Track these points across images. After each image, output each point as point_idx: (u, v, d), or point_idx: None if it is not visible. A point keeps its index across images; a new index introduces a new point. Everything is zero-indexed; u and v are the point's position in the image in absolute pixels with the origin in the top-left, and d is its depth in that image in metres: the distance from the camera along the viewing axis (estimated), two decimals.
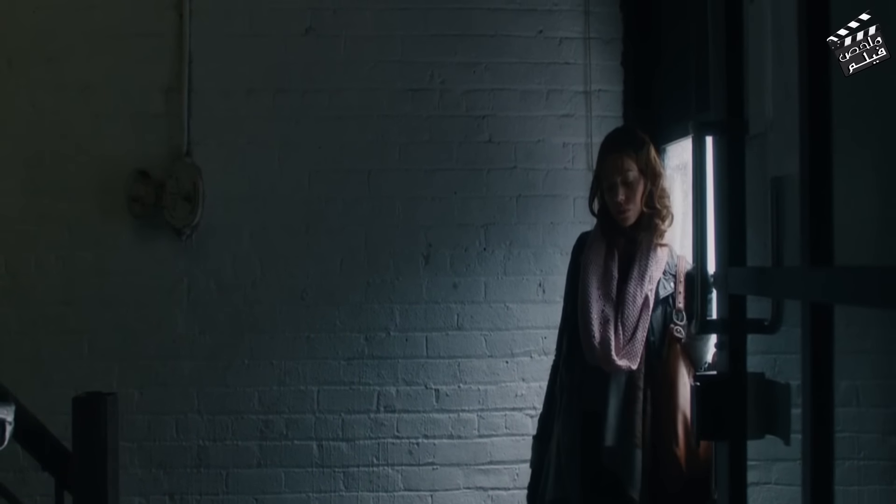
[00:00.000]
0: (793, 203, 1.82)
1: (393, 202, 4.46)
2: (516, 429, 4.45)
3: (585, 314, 3.21)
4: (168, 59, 4.41)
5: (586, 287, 3.24)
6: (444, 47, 4.52)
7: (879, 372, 1.89)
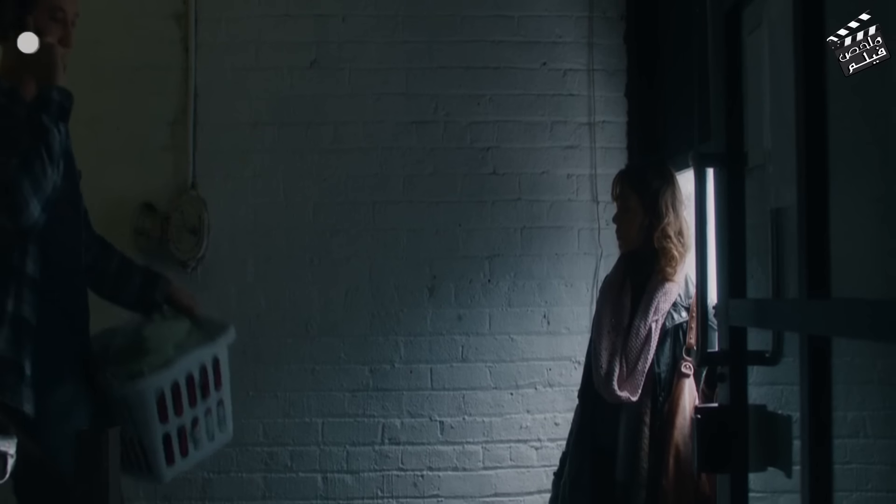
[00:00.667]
0: (793, 234, 1.82)
1: (397, 234, 4.47)
2: (521, 461, 4.43)
3: (596, 346, 3.25)
4: (174, 92, 4.44)
5: (599, 320, 3.30)
6: (448, 79, 4.54)
7: (887, 403, 1.88)
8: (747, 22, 2.15)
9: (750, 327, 2.00)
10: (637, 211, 3.21)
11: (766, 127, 2.05)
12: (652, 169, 3.37)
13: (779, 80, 1.91)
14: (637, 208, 3.21)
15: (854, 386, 1.78)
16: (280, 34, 4.49)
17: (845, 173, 1.65)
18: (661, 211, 3.20)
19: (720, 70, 2.14)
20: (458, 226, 4.50)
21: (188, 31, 4.45)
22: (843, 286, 1.59)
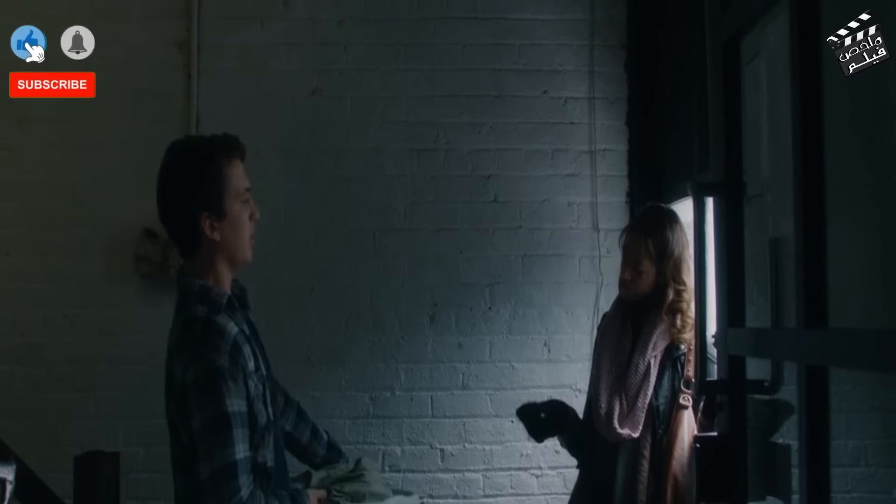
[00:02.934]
0: (791, 263, 1.83)
1: (398, 262, 4.47)
2: (521, 489, 4.41)
3: (596, 385, 3.22)
4: (176, 118, 4.46)
5: (599, 359, 3.26)
6: (449, 108, 4.56)
7: (888, 432, 1.88)
8: (745, 52, 2.16)
9: (749, 356, 2.00)
10: (650, 274, 3.15)
11: (764, 156, 2.06)
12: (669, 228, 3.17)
13: (776, 110, 1.92)
14: (650, 272, 3.15)
15: (855, 414, 1.78)
16: (282, 62, 4.52)
17: (842, 203, 1.66)
18: (679, 279, 3.13)
19: (719, 99, 2.16)
20: (459, 253, 4.51)
21: (191, 57, 4.48)
22: (840, 316, 1.60)
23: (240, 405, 2.20)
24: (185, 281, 2.36)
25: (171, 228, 2.38)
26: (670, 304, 3.13)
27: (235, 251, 2.36)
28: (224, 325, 2.26)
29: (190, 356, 2.23)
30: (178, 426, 2.26)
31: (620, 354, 3.21)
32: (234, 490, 2.14)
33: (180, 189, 2.33)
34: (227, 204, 2.32)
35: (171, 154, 2.40)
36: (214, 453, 2.15)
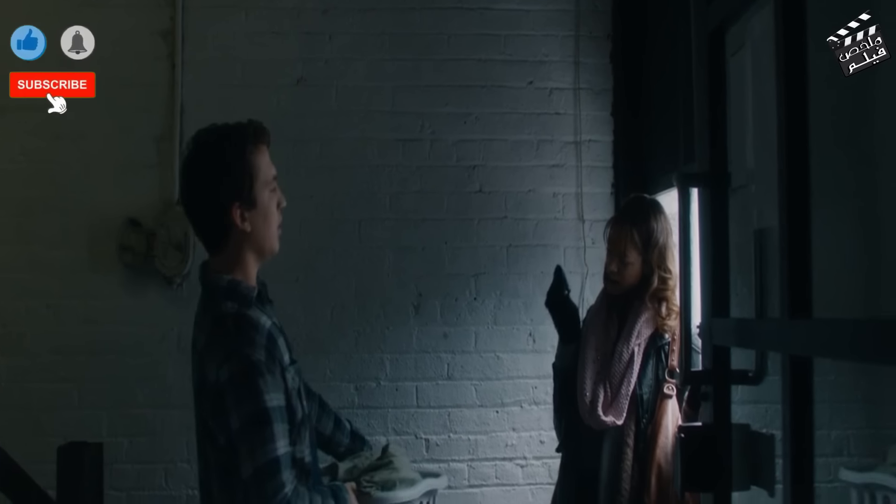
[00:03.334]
0: (775, 254, 1.83)
1: (383, 252, 4.47)
2: (506, 479, 4.43)
3: (581, 375, 3.22)
4: (160, 108, 4.44)
5: (584, 350, 3.26)
6: (434, 98, 4.56)
7: (871, 422, 1.90)
8: (731, 43, 2.16)
9: (733, 347, 2.01)
10: (635, 264, 3.17)
11: (749, 147, 2.07)
12: (654, 217, 3.21)
13: (762, 101, 1.93)
14: (636, 262, 3.17)
15: (838, 405, 1.79)
16: (267, 51, 4.50)
17: (826, 194, 1.67)
18: (664, 267, 3.16)
19: (704, 90, 2.16)
20: (444, 244, 4.51)
21: (174, 47, 4.46)
22: (823, 306, 1.61)
23: (278, 399, 2.13)
24: (211, 278, 2.28)
25: (199, 221, 2.30)
26: (654, 292, 3.15)
27: (264, 242, 2.30)
28: (257, 318, 2.20)
29: (223, 353, 2.15)
30: (214, 428, 2.17)
31: (605, 343, 3.22)
32: (279, 486, 2.08)
33: (210, 180, 2.24)
34: (256, 193, 2.25)
35: (197, 144, 2.32)
36: (256, 450, 2.09)
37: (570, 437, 3.30)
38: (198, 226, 2.31)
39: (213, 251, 2.30)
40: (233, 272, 2.26)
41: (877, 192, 1.70)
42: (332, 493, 2.26)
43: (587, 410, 3.16)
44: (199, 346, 2.23)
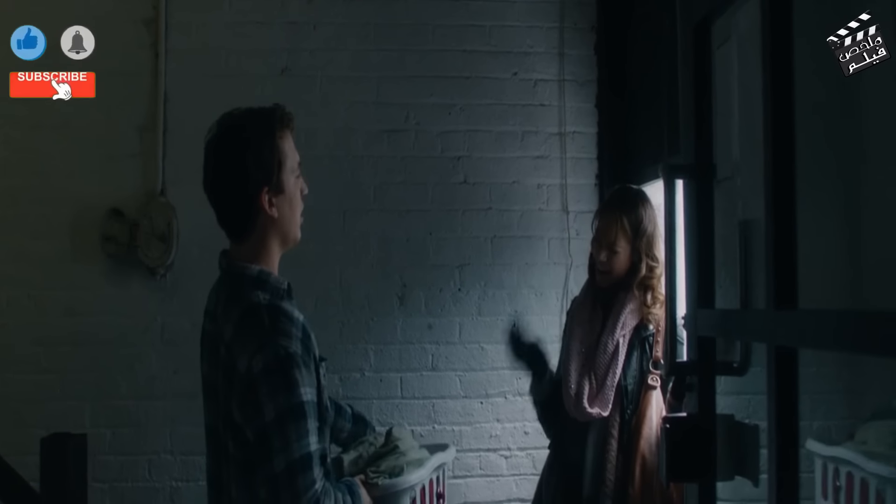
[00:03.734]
0: (760, 246, 1.84)
1: (368, 243, 4.46)
2: (490, 470, 4.44)
3: (566, 368, 3.24)
4: (144, 97, 4.42)
5: (570, 343, 3.28)
6: (419, 89, 4.55)
7: (852, 412, 1.91)
8: (717, 35, 2.17)
9: (718, 337, 2.02)
10: (624, 252, 3.19)
11: (734, 139, 2.07)
12: (641, 204, 3.24)
13: (748, 93, 1.93)
14: (625, 250, 3.19)
15: (820, 395, 1.80)
16: (251, 41, 4.48)
17: (811, 186, 1.68)
18: (652, 255, 3.18)
19: (690, 83, 2.16)
20: (429, 234, 4.51)
21: (158, 36, 4.43)
22: (808, 297, 1.61)
23: (311, 394, 2.08)
24: (238, 266, 2.23)
25: (226, 207, 2.24)
26: (642, 280, 3.16)
27: (289, 229, 2.27)
28: (291, 311, 2.16)
29: (257, 343, 2.08)
30: (242, 422, 2.08)
31: (590, 335, 3.24)
32: (310, 483, 2.03)
33: (239, 165, 2.18)
34: (284, 179, 2.21)
35: (224, 128, 2.25)
36: (291, 445, 2.03)
37: (555, 430, 3.31)
38: (223, 212, 2.25)
39: (238, 238, 2.26)
40: (258, 261, 2.22)
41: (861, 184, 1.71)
42: (348, 489, 2.22)
43: (572, 402, 3.17)
44: (227, 337, 2.14)
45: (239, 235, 2.25)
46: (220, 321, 2.19)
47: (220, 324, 2.19)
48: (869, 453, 1.84)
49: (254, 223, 2.22)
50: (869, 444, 1.87)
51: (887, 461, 1.77)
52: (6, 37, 4.14)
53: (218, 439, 2.19)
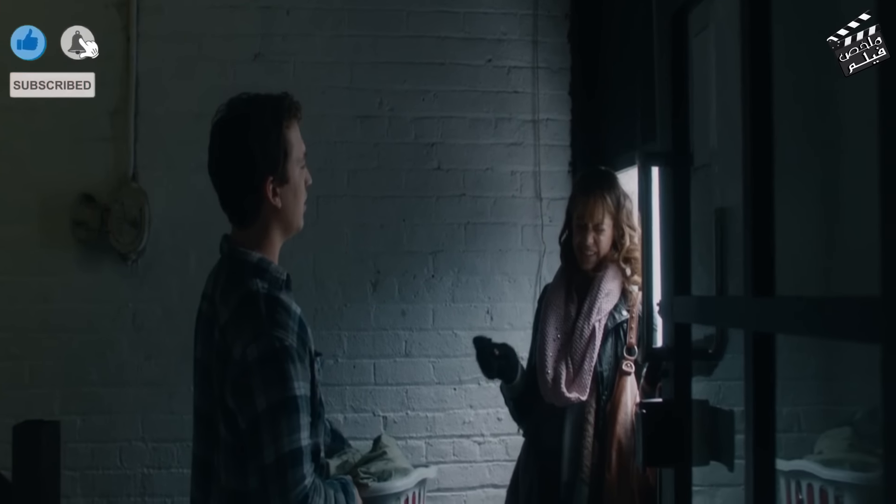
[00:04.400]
0: (736, 233, 1.86)
1: (341, 229, 4.45)
2: (464, 456, 4.45)
3: (542, 354, 3.25)
4: (115, 81, 4.37)
5: (545, 329, 3.28)
6: (393, 75, 4.54)
7: (820, 398, 1.94)
8: (694, 24, 2.18)
9: (695, 324, 2.04)
10: (608, 229, 3.21)
11: (712, 127, 2.09)
12: (616, 181, 3.30)
13: (725, 82, 1.95)
14: (608, 227, 3.21)
15: (789, 382, 1.82)
16: (224, 26, 4.45)
17: (788, 174, 1.69)
18: (633, 226, 3.20)
19: (667, 71, 2.17)
20: (403, 221, 4.50)
21: (130, 19, 4.38)
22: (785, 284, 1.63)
23: (305, 389, 2.06)
24: (239, 251, 2.20)
25: (230, 194, 2.21)
26: (627, 252, 3.19)
27: (292, 218, 2.25)
28: (289, 303, 2.13)
29: (253, 332, 2.05)
30: (235, 409, 2.07)
31: (566, 321, 3.25)
32: (300, 478, 2.01)
33: (245, 154, 2.16)
34: (289, 169, 2.20)
35: (233, 115, 2.22)
36: (282, 438, 2.01)
37: (531, 417, 3.32)
38: (227, 198, 2.23)
39: (240, 225, 2.24)
40: (259, 248, 2.20)
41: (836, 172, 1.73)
42: (342, 487, 2.21)
43: (550, 389, 3.18)
44: (222, 321, 2.13)
45: (241, 222, 2.23)
46: (216, 304, 2.17)
47: (216, 307, 2.17)
48: (825, 461, 1.88)
49: (257, 211, 2.20)
50: (825, 452, 1.91)
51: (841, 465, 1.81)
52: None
53: (209, 423, 2.17)
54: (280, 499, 2.00)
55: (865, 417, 1.96)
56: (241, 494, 2.09)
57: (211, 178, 2.23)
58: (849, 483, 1.90)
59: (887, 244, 1.11)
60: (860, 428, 1.93)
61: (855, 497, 1.92)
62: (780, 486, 1.80)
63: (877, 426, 1.92)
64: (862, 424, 1.95)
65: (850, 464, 1.88)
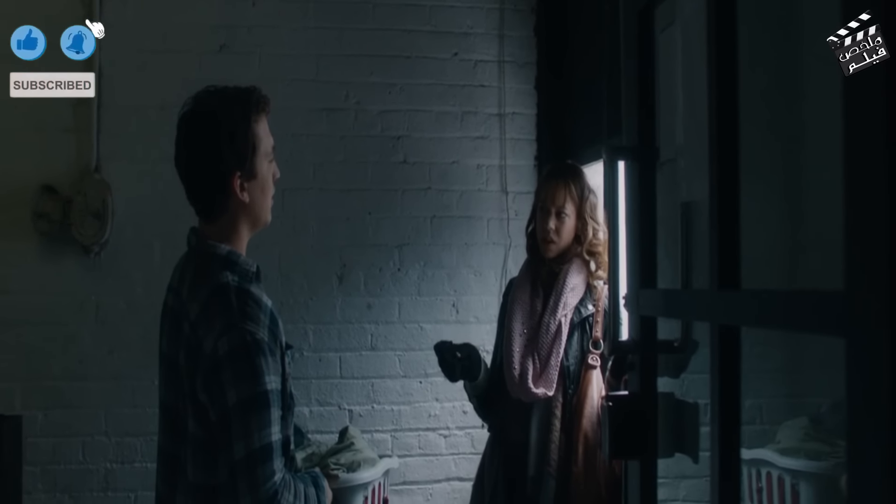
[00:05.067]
0: (701, 227, 1.87)
1: (307, 222, 4.44)
2: (429, 449, 4.46)
3: (508, 349, 3.24)
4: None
5: (511, 324, 3.28)
6: (359, 67, 4.53)
7: (781, 390, 1.96)
8: (660, 20, 2.19)
9: (660, 317, 2.05)
10: (571, 216, 3.22)
11: (678, 122, 2.10)
12: (582, 173, 3.32)
13: (691, 77, 1.96)
14: (572, 214, 3.22)
15: (751, 375, 1.84)
16: (188, 16, 4.41)
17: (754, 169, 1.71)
18: (596, 218, 3.22)
19: (633, 66, 2.18)
20: (368, 214, 4.50)
21: (92, 8, 4.32)
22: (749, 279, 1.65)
23: (276, 383, 2.04)
24: (208, 244, 2.18)
25: (196, 188, 2.20)
26: (589, 244, 3.20)
27: (260, 213, 2.24)
28: (259, 295, 2.11)
29: (223, 325, 2.03)
30: (207, 403, 2.05)
31: (532, 316, 3.26)
32: (270, 474, 1.99)
33: (212, 147, 2.14)
34: (257, 164, 2.19)
35: (199, 108, 2.20)
36: (252, 434, 1.99)
37: (497, 412, 3.32)
38: (193, 192, 2.21)
39: (208, 219, 2.22)
40: (227, 242, 2.19)
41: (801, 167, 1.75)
42: (312, 480, 2.19)
43: (517, 384, 3.18)
44: (192, 315, 2.10)
45: (208, 216, 2.22)
46: (184, 298, 2.15)
47: (184, 301, 2.15)
48: (783, 451, 1.92)
49: (224, 206, 2.19)
50: (782, 442, 1.95)
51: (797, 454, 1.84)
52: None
53: (176, 417, 2.15)
54: (249, 494, 1.99)
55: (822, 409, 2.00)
56: (208, 489, 2.08)
57: (178, 172, 2.22)
58: (804, 471, 1.94)
59: (851, 239, 1.13)
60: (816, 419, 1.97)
61: (810, 484, 1.96)
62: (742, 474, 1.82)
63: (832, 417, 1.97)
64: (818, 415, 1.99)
65: (805, 453, 1.92)
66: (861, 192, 1.11)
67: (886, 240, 1.05)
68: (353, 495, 2.79)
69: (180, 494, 2.14)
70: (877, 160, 1.06)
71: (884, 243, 1.06)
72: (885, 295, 1.05)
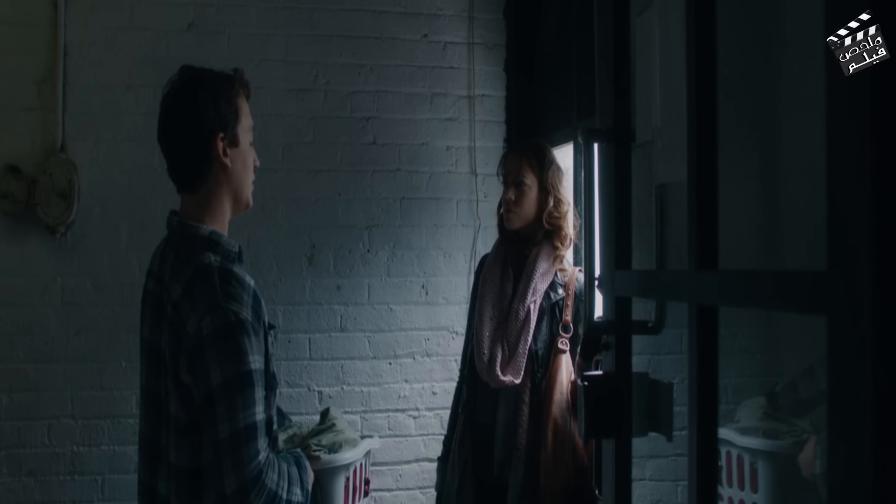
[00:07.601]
0: (676, 209, 1.89)
1: (276, 203, 4.41)
2: (399, 430, 4.47)
3: (479, 333, 3.25)
4: (42, 49, 4.25)
5: (482, 307, 3.30)
6: (329, 48, 4.50)
7: (745, 371, 1.99)
8: (636, 3, 2.20)
9: (634, 297, 2.07)
10: (532, 188, 3.24)
11: (655, 105, 2.11)
12: (546, 147, 3.35)
13: (669, 61, 1.97)
14: (533, 185, 3.24)
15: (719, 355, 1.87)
16: None
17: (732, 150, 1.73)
18: (558, 189, 3.25)
19: (609, 49, 2.19)
20: (338, 195, 4.48)
21: None
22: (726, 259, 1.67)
23: (260, 363, 2.04)
24: (189, 226, 2.17)
25: (178, 151, 2.19)
26: (550, 215, 3.22)
27: (241, 188, 2.24)
28: (242, 275, 2.10)
29: (207, 305, 2.02)
30: (191, 384, 2.04)
31: (502, 300, 3.27)
32: (255, 453, 1.99)
33: (196, 108, 2.15)
34: (240, 133, 2.21)
35: (183, 78, 2.21)
36: (237, 413, 1.98)
37: (468, 398, 3.33)
38: (175, 158, 2.21)
39: (189, 188, 2.20)
40: (209, 221, 2.18)
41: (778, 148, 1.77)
42: (295, 460, 2.21)
43: (485, 369, 3.20)
44: (175, 296, 2.08)
45: (189, 186, 2.20)
46: (166, 281, 2.14)
47: (166, 283, 2.13)
48: (742, 430, 1.95)
49: (206, 172, 2.18)
50: (742, 421, 1.98)
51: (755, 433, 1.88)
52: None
53: (158, 402, 2.14)
54: (234, 474, 1.99)
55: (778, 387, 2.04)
56: (192, 471, 2.07)
57: (159, 144, 2.21)
58: (762, 450, 1.98)
59: (833, 218, 1.14)
60: (773, 398, 2.01)
61: (767, 463, 1.99)
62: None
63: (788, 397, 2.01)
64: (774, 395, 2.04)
65: (762, 431, 1.96)
66: (844, 171, 1.12)
67: (868, 219, 1.07)
68: (335, 476, 2.80)
69: (162, 480, 2.13)
70: (860, 140, 1.08)
71: (866, 223, 1.07)
72: (868, 274, 1.07)
